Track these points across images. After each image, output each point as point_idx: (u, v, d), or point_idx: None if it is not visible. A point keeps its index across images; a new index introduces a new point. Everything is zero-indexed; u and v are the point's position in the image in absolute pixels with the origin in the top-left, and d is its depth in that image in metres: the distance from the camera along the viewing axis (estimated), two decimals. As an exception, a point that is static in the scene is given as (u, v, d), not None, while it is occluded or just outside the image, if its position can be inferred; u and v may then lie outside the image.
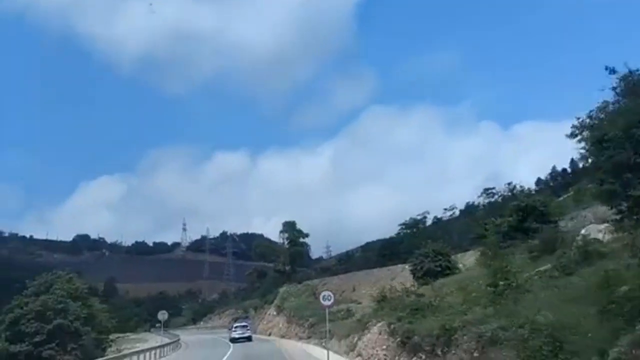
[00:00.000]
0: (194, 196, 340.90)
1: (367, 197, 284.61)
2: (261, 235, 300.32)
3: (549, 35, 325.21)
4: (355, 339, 27.91)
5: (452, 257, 45.99)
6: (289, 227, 79.00)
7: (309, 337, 48.68)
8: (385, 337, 22.36)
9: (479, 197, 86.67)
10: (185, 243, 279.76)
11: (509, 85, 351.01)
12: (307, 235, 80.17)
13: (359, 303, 52.40)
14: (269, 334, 63.65)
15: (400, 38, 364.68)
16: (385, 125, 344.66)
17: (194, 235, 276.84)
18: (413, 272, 45.84)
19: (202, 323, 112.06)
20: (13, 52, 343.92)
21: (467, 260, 48.70)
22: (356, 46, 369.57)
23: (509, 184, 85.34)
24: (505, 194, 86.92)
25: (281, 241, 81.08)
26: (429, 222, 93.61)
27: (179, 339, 59.07)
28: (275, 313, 66.46)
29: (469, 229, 62.95)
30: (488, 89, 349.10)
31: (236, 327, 60.08)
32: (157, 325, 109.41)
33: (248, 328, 59.87)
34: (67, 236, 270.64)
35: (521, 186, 63.89)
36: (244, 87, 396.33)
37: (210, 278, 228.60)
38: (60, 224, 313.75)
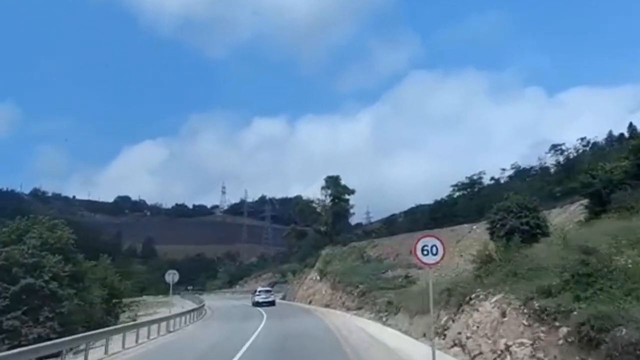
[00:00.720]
0: (233, 161, 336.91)
1: (406, 164, 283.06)
2: (301, 197, 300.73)
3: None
4: (446, 318, 18.13)
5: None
6: (332, 183, 69.11)
7: (359, 308, 39.27)
8: (523, 321, 12.49)
9: (546, 154, 76.03)
10: (224, 206, 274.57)
11: (557, 50, 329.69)
12: (352, 192, 70.36)
13: (419, 268, 42.80)
14: (310, 302, 54.54)
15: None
16: (427, 91, 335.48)
17: (233, 199, 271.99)
18: (491, 231, 35.38)
19: (237, 287, 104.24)
20: (56, 17, 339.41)
21: (556, 219, 38.26)
22: (398, 8, 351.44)
23: (582, 138, 74.36)
24: (577, 149, 76.10)
25: (323, 198, 71.46)
26: (483, 184, 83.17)
27: (203, 305, 50.40)
28: (317, 278, 57.28)
29: (532, 190, 52.71)
30: (535, 53, 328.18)
31: (260, 291, 62.82)
32: (189, 288, 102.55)
33: (272, 293, 62.65)
34: (109, 197, 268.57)
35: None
36: (283, 50, 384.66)
37: (249, 241, 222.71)
38: (103, 186, 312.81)
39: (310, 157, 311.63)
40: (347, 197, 69.95)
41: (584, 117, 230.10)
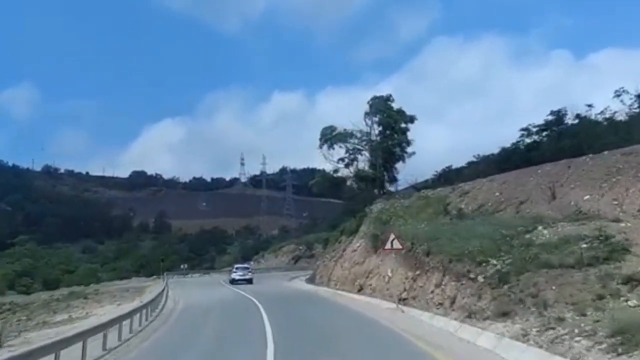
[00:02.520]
0: (252, 137, 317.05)
1: (428, 134, 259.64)
2: (322, 171, 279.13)
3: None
4: None
5: None
6: (381, 106, 44.68)
7: (502, 314, 15.16)
8: None
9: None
10: (244, 179, 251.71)
11: (584, 10, 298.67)
12: (412, 120, 45.76)
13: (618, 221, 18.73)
14: (360, 289, 30.58)
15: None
16: (448, 58, 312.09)
17: (252, 171, 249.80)
18: None
19: (252, 263, 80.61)
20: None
21: None
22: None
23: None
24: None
25: (367, 129, 46.86)
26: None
27: (154, 301, 26.30)
28: (366, 247, 33.20)
29: None
30: (560, 15, 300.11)
31: (237, 267, 57.96)
32: (183, 266, 79.73)
33: (250, 270, 57.64)
34: (125, 174, 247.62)
35: None
36: (299, 21, 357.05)
37: (269, 214, 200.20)
38: (123, 166, 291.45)
39: None
40: (404, 125, 45.33)
41: (615, 80, 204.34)
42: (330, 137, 46.45)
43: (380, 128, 45.80)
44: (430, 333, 16.06)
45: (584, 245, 16.63)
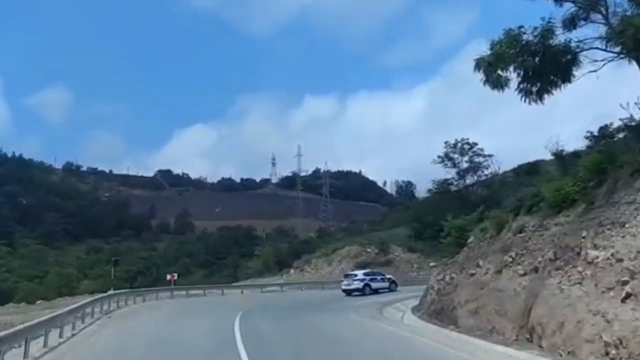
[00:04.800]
0: (283, 141, 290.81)
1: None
2: (357, 173, 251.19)
3: None
4: None
5: None
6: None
7: None
8: None
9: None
10: (275, 180, 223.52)
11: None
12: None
13: None
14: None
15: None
16: None
17: (284, 172, 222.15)
18: None
19: (292, 272, 51.01)
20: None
21: None
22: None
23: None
24: None
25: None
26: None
27: None
28: None
29: None
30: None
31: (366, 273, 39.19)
32: (172, 277, 48.01)
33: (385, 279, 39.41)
34: (149, 172, 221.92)
35: None
36: (331, 24, 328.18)
37: (303, 216, 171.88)
38: (149, 167, 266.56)
39: (363, 135, 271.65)
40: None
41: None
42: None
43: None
44: None
45: None
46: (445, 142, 51.80)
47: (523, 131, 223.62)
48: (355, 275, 38.28)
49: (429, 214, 51.93)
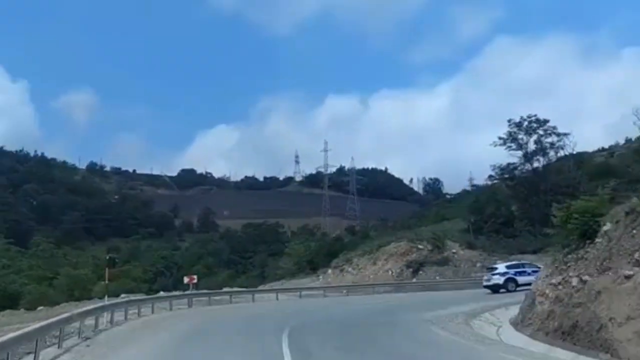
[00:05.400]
0: (306, 142, 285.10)
1: (486, 139, 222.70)
2: (383, 171, 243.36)
3: None
4: None
5: None
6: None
7: None
8: None
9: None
10: (299, 177, 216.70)
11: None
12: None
13: None
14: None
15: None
16: (512, 58, 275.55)
17: (308, 169, 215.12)
18: None
19: (329, 273, 43.73)
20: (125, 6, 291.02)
21: None
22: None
23: None
24: None
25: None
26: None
27: None
28: None
29: None
30: (634, 10, 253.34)
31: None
32: (188, 281, 39.02)
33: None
34: (173, 172, 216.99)
35: None
36: (353, 22, 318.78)
37: (330, 214, 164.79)
38: (172, 168, 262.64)
39: (386, 133, 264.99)
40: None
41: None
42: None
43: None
44: None
45: None
46: (509, 121, 44.22)
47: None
48: (496, 268, 32.69)
49: (489, 204, 44.36)
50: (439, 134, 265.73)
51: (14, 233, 75.53)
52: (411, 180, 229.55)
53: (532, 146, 43.48)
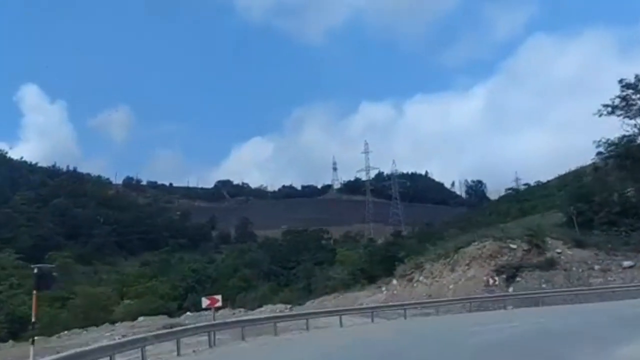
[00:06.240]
0: (341, 150, 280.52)
1: (525, 140, 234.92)
2: (423, 175, 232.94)
3: None
4: None
5: None
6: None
7: None
8: None
9: None
10: (337, 185, 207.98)
11: None
12: None
13: None
14: None
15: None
16: (548, 56, 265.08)
17: (345, 177, 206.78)
18: None
19: (395, 284, 34.22)
20: (156, 24, 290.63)
21: None
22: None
23: None
24: None
25: None
26: None
27: None
28: None
29: None
30: None
31: None
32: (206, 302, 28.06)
33: None
34: (209, 184, 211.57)
35: None
36: (384, 28, 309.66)
37: (373, 221, 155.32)
38: (208, 182, 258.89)
39: (423, 138, 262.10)
40: None
41: None
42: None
43: None
44: None
45: None
46: (621, 81, 34.04)
47: (594, 125, 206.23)
48: None
49: (597, 190, 34.33)
50: (477, 136, 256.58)
51: (37, 249, 68.96)
52: (453, 184, 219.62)
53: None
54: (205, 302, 19.21)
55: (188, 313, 37.59)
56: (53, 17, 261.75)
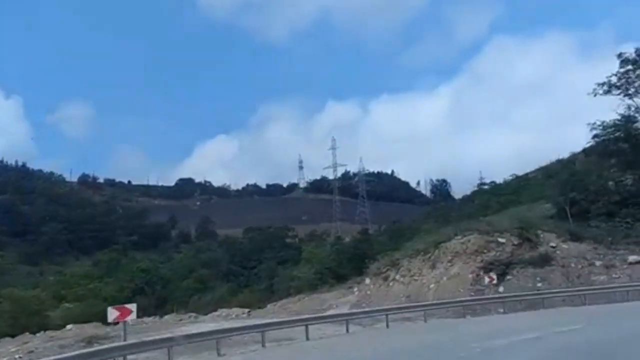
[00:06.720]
0: (307, 149, 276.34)
1: (489, 140, 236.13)
2: (389, 174, 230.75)
3: None
4: None
5: None
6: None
7: None
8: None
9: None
10: (303, 184, 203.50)
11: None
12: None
13: None
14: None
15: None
16: (510, 58, 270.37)
17: (312, 176, 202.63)
18: None
19: (368, 283, 29.77)
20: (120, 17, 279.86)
21: None
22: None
23: None
24: None
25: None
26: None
27: None
28: None
29: None
30: (629, 4, 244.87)
31: None
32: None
33: None
34: (170, 182, 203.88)
35: None
36: (351, 27, 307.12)
37: (340, 219, 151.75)
38: (170, 179, 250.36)
39: (389, 138, 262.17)
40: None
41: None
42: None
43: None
44: None
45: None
46: (619, 55, 30.47)
47: (554, 125, 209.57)
48: None
49: (592, 178, 30.81)
50: (442, 136, 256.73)
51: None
52: (418, 183, 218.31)
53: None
54: (112, 314, 14.16)
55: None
56: (7, 9, 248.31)
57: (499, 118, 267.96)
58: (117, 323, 15.79)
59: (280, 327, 15.78)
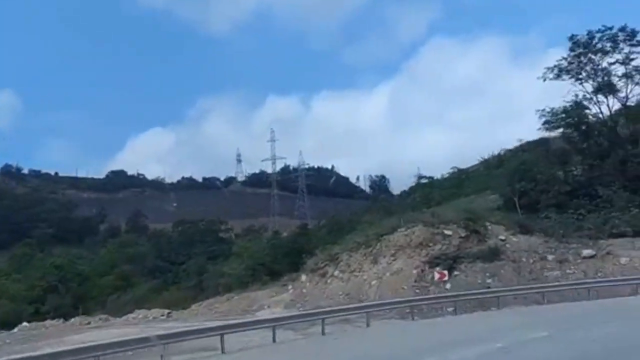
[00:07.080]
0: (247, 143, 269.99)
1: (427, 138, 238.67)
2: (329, 170, 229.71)
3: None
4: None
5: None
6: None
7: None
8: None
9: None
10: (241, 177, 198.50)
11: (584, 9, 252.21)
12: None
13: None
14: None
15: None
16: (448, 59, 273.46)
17: (250, 169, 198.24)
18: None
19: (304, 280, 26.81)
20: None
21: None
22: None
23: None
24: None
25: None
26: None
27: None
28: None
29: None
30: (560, 11, 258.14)
31: None
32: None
33: None
34: (101, 175, 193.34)
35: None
36: (293, 22, 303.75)
37: (279, 214, 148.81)
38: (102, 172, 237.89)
39: (329, 134, 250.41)
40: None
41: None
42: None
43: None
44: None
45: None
46: (571, 37, 28.76)
47: (488, 126, 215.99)
48: None
49: (541, 167, 29.15)
50: (381, 134, 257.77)
51: None
52: (357, 179, 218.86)
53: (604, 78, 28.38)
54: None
55: (25, 324, 27.69)
56: None
57: (437, 117, 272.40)
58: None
59: (191, 336, 12.39)
